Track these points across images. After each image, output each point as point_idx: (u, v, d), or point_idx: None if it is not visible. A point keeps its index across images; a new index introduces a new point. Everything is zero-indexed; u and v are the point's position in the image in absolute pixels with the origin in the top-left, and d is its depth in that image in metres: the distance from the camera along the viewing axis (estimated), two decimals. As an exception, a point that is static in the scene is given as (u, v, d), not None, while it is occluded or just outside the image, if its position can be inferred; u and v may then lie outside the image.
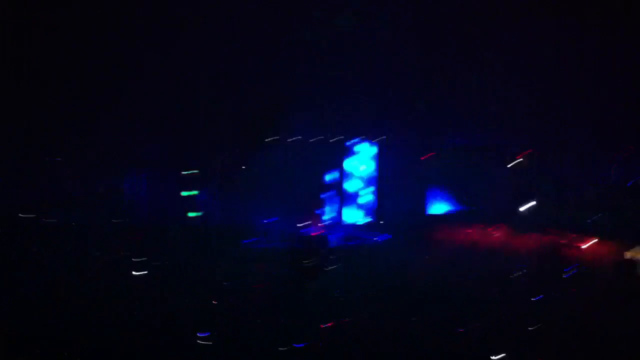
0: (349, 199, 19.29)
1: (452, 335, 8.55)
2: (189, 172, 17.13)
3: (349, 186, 19.29)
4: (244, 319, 9.12)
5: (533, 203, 16.89)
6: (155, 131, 16.93)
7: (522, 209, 17.00)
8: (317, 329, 8.76)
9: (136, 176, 17.05)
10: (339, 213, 19.03)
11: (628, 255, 12.30)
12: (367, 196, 19.40)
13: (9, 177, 15.17)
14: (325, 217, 18.97)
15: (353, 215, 19.24)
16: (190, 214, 16.97)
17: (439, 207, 19.18)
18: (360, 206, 19.35)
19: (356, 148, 19.29)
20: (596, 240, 14.17)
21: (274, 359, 7.90)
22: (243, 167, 18.22)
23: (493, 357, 7.68)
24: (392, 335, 8.61)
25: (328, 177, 19.26)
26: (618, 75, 14.05)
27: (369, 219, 19.10)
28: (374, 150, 19.24)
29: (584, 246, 14.23)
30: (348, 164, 19.33)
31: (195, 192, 17.11)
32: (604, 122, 14.97)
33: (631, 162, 14.58)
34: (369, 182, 19.40)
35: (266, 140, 18.28)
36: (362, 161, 19.42)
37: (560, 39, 15.01)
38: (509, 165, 17.66)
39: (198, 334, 8.06)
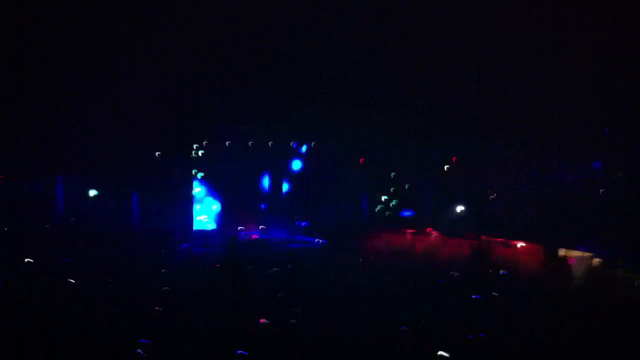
0: (285, 202, 19.21)
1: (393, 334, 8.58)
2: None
3: (286, 190, 19.23)
4: (185, 323, 8.81)
5: (463, 208, 17.50)
6: (85, 137, 16.52)
7: (453, 213, 17.59)
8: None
9: (66, 181, 16.57)
10: (277, 216, 18.89)
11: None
12: (302, 200, 19.39)
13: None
14: (263, 221, 18.78)
15: (290, 218, 19.14)
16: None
17: (373, 212, 19.44)
18: (297, 209, 19.30)
19: (293, 152, 19.27)
20: (525, 242, 14.82)
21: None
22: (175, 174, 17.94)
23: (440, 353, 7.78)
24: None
25: (264, 181, 19.09)
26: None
27: (306, 223, 19.06)
28: (307, 154, 19.28)
29: (518, 245, 14.85)
30: (285, 168, 19.29)
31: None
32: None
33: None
34: (304, 186, 19.40)
35: (196, 145, 18.08)
36: (298, 165, 19.41)
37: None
38: (442, 171, 18.22)
39: (140, 341, 7.68)
